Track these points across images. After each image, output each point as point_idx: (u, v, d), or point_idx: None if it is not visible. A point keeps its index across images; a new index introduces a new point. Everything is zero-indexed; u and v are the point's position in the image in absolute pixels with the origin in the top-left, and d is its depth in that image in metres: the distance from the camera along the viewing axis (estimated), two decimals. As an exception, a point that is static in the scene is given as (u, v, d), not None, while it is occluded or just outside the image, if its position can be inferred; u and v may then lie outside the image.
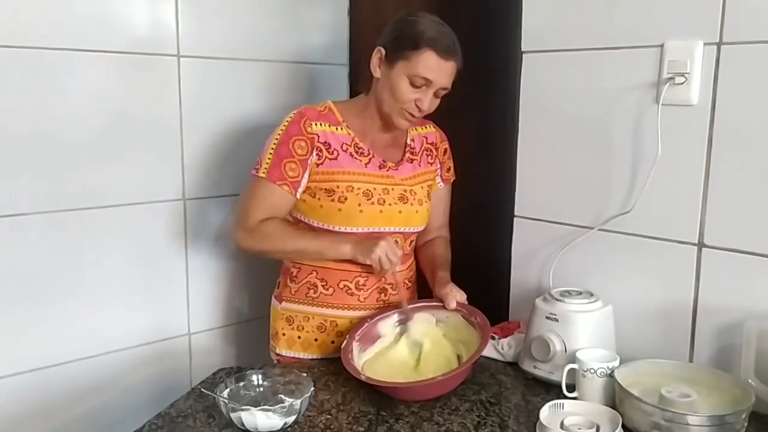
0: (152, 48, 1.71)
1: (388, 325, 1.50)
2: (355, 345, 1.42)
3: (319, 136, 1.47)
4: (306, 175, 1.47)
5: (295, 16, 1.98)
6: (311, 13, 2.03)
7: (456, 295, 1.47)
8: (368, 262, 1.43)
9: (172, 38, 1.74)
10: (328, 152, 1.48)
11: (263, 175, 1.46)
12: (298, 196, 1.48)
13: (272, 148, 1.46)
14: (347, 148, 1.50)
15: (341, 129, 1.51)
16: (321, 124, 1.48)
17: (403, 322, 1.49)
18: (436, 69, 1.42)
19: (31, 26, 1.53)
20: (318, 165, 1.47)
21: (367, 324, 1.48)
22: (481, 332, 1.40)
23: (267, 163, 1.46)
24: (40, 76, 1.55)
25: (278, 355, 1.58)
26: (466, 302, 1.48)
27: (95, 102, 1.64)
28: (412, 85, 1.43)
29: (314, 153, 1.47)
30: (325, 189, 1.47)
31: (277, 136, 1.47)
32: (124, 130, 1.69)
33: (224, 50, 1.84)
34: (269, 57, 1.94)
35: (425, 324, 1.49)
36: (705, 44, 1.31)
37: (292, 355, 1.57)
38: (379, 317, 1.50)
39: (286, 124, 1.48)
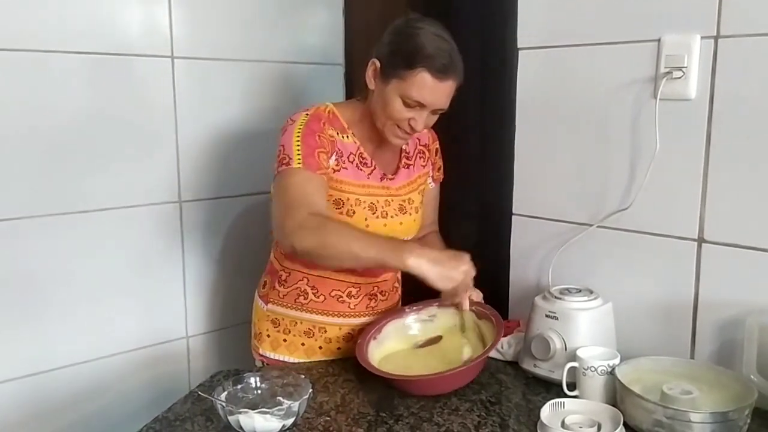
0: (146, 50, 1.70)
1: (404, 324, 1.48)
2: (372, 343, 1.40)
3: (336, 142, 1.40)
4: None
5: (289, 16, 1.98)
6: (306, 12, 2.03)
7: (472, 295, 1.41)
8: (439, 286, 1.28)
9: (165, 40, 1.74)
10: (341, 161, 1.40)
11: (299, 166, 1.32)
12: None
13: (298, 141, 1.34)
14: (353, 159, 1.43)
15: (348, 137, 1.43)
16: (333, 129, 1.40)
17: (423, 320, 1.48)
18: (430, 91, 1.32)
19: (23, 29, 1.52)
20: (335, 171, 1.39)
21: (382, 323, 1.46)
22: (494, 323, 1.40)
23: (299, 155, 1.33)
24: (33, 79, 1.54)
25: (261, 356, 1.54)
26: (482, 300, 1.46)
27: (89, 104, 1.63)
28: (406, 105, 1.34)
29: (334, 156, 1.39)
30: (335, 200, 1.40)
31: (298, 131, 1.35)
32: (118, 132, 1.68)
33: (218, 51, 1.84)
34: (264, 57, 1.93)
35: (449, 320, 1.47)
36: (702, 38, 1.31)
37: (276, 358, 1.52)
38: (394, 317, 1.48)
39: (305, 119, 1.37)
